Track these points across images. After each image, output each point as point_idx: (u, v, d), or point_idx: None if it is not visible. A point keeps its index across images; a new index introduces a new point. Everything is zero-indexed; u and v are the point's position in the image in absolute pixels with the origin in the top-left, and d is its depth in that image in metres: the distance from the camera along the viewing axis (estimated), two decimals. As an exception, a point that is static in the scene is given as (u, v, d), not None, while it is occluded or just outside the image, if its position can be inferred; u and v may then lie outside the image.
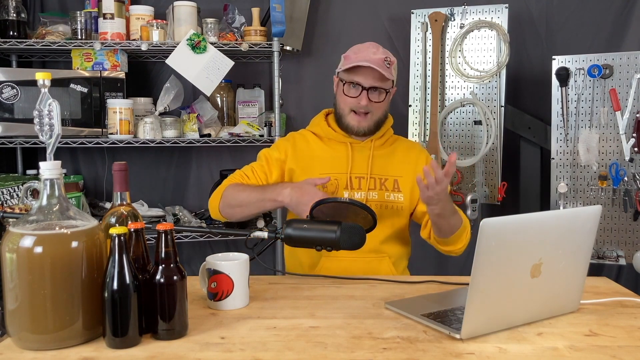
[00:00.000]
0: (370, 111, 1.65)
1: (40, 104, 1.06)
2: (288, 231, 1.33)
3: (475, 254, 1.01)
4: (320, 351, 1.01)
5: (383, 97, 1.65)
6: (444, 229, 1.57)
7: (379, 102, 1.65)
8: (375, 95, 1.64)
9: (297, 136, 1.78)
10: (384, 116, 1.70)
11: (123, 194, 1.19)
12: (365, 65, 1.59)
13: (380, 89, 1.63)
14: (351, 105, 1.65)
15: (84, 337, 1.03)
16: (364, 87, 1.62)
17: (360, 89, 1.62)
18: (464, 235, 1.62)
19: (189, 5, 2.42)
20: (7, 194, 2.25)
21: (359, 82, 1.62)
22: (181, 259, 1.72)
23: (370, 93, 1.63)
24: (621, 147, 2.28)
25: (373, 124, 1.67)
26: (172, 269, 1.05)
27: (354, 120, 1.66)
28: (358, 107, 1.64)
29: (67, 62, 2.53)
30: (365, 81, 1.61)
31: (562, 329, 1.13)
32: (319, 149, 1.72)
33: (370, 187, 1.67)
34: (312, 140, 1.75)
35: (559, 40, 2.69)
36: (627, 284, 1.59)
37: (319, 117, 1.79)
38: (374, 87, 1.62)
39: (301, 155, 1.72)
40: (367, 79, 1.61)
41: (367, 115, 1.65)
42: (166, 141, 2.43)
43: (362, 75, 1.61)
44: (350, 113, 1.66)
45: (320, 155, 1.71)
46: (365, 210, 1.43)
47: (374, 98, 1.64)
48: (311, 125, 1.79)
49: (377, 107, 1.65)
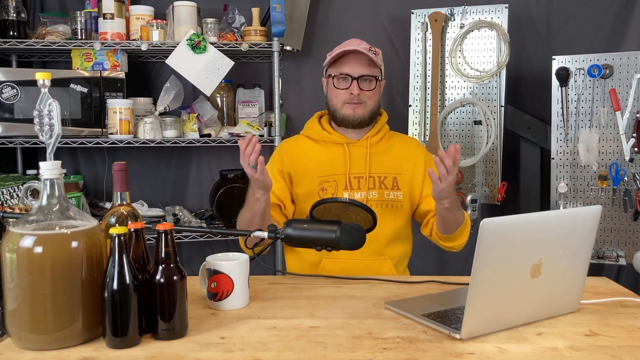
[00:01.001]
0: (363, 101, 1.66)
1: (40, 104, 1.06)
2: (288, 231, 1.33)
3: (475, 254, 1.01)
4: (320, 351, 1.01)
5: (374, 85, 1.67)
6: (450, 224, 1.58)
7: (370, 91, 1.66)
8: (366, 84, 1.66)
9: (290, 142, 1.79)
10: (377, 107, 1.71)
11: (123, 194, 1.19)
12: (351, 50, 1.62)
13: (370, 77, 1.65)
14: (344, 98, 1.66)
15: (84, 337, 1.03)
16: (353, 77, 1.64)
17: (349, 79, 1.64)
18: (466, 230, 1.63)
19: (189, 5, 2.42)
20: (7, 194, 2.25)
21: (347, 73, 1.64)
22: (181, 259, 1.72)
23: (361, 82, 1.65)
24: (621, 147, 2.28)
25: (368, 113, 1.68)
26: (172, 269, 1.05)
27: (348, 110, 1.67)
28: (350, 98, 1.65)
29: (67, 62, 2.53)
30: (354, 70, 1.64)
31: (562, 329, 1.13)
32: (315, 152, 1.72)
33: (370, 187, 1.67)
34: (307, 145, 1.75)
35: (559, 40, 2.69)
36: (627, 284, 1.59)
37: (312, 121, 1.79)
38: (363, 76, 1.64)
39: (297, 160, 1.72)
40: (355, 68, 1.64)
41: (360, 105, 1.66)
42: (166, 141, 2.43)
43: (350, 65, 1.64)
44: (343, 106, 1.67)
45: (317, 158, 1.71)
46: (365, 210, 1.43)
47: (365, 87, 1.66)
48: (305, 129, 1.79)
49: (369, 96, 1.67)
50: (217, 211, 2.53)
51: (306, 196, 1.67)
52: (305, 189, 1.68)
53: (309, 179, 1.68)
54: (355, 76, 1.64)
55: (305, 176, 1.68)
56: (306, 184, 1.68)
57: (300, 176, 1.69)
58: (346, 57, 1.67)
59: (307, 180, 1.68)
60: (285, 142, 1.82)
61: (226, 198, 2.51)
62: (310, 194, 1.66)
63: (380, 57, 1.69)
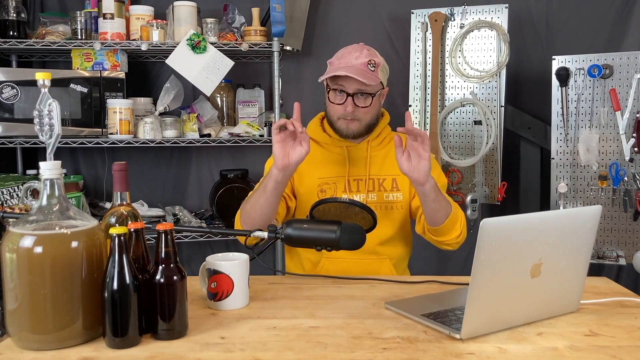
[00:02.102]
0: (358, 118, 1.63)
1: (40, 104, 1.06)
2: (288, 231, 1.33)
3: (475, 254, 1.01)
4: (320, 351, 1.01)
5: (369, 102, 1.62)
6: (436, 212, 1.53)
7: (365, 107, 1.62)
8: (362, 100, 1.61)
9: None
10: (374, 120, 1.68)
11: (123, 194, 1.19)
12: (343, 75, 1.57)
13: (366, 93, 1.61)
14: (338, 114, 1.64)
15: (84, 337, 1.03)
16: (348, 93, 1.60)
17: (345, 95, 1.61)
18: (458, 224, 1.58)
19: (189, 5, 2.42)
20: (7, 194, 2.25)
21: (343, 89, 1.60)
22: (181, 259, 1.72)
23: (356, 98, 1.61)
24: (621, 147, 2.28)
25: (363, 127, 1.65)
26: (172, 269, 1.05)
27: (342, 124, 1.65)
28: (344, 115, 1.62)
29: (67, 62, 2.53)
30: (349, 87, 1.60)
31: (562, 329, 1.13)
32: (316, 153, 1.70)
33: (369, 189, 1.67)
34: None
35: (559, 40, 2.69)
36: (627, 284, 1.59)
37: (314, 123, 1.77)
38: (359, 93, 1.60)
39: None
40: (351, 85, 1.59)
41: (355, 121, 1.63)
42: (166, 141, 2.43)
43: (346, 81, 1.59)
44: (338, 120, 1.65)
45: (318, 160, 1.70)
46: (365, 210, 1.43)
47: (360, 103, 1.61)
48: (307, 130, 1.78)
49: (365, 112, 1.63)
50: (217, 211, 2.53)
51: (306, 197, 1.67)
52: (305, 190, 1.68)
53: (309, 180, 1.68)
54: (350, 92, 1.60)
55: (305, 177, 1.68)
56: (306, 185, 1.68)
57: (300, 176, 1.69)
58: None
59: (307, 181, 1.68)
60: None
61: (226, 198, 2.51)
62: (309, 195, 1.66)
63: (381, 68, 1.64)
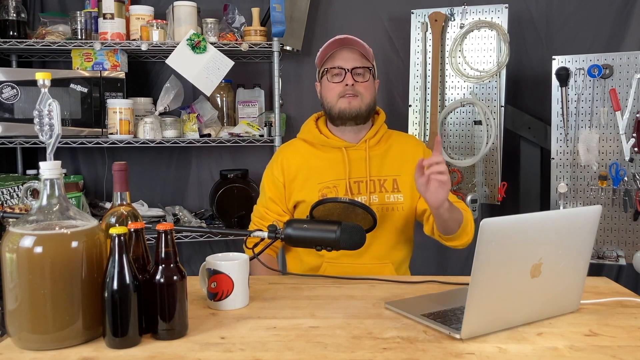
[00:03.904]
0: (359, 93, 1.66)
1: (40, 104, 1.06)
2: (288, 231, 1.33)
3: (475, 254, 1.01)
4: (320, 351, 1.01)
5: (368, 77, 1.67)
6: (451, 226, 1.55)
7: (364, 82, 1.67)
8: (360, 76, 1.67)
9: (287, 149, 1.77)
10: (372, 102, 1.70)
11: (123, 194, 1.19)
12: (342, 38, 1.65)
13: (363, 68, 1.66)
14: (338, 92, 1.66)
15: (84, 337, 1.02)
16: (346, 69, 1.65)
17: (343, 73, 1.65)
18: (469, 227, 1.60)
19: (189, 5, 2.42)
20: (7, 194, 2.25)
21: (340, 66, 1.66)
22: (181, 259, 1.72)
23: (354, 75, 1.66)
24: (621, 147, 2.28)
25: (364, 106, 1.67)
26: (172, 269, 1.05)
27: (344, 103, 1.66)
28: (345, 90, 1.65)
29: (67, 62, 2.53)
30: (347, 63, 1.66)
31: (562, 329, 1.13)
32: (314, 157, 1.71)
33: (371, 190, 1.66)
34: (305, 149, 1.73)
35: (559, 40, 2.68)
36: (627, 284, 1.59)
37: (309, 124, 1.77)
38: (357, 67, 1.66)
39: (296, 166, 1.70)
40: (348, 61, 1.66)
41: (356, 97, 1.66)
42: (166, 141, 2.43)
43: (342, 58, 1.66)
44: (339, 100, 1.66)
45: (316, 164, 1.69)
46: (365, 210, 1.43)
47: (359, 78, 1.66)
48: (302, 132, 1.77)
49: (364, 87, 1.67)
50: (217, 211, 2.53)
51: (306, 203, 1.64)
52: (306, 196, 1.67)
53: (309, 186, 1.67)
54: (348, 68, 1.65)
55: (305, 184, 1.67)
56: (307, 190, 1.67)
57: (300, 184, 1.68)
58: (338, 52, 1.68)
59: (307, 187, 1.67)
60: (282, 148, 1.80)
61: (226, 198, 2.51)
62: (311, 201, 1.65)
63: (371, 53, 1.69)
